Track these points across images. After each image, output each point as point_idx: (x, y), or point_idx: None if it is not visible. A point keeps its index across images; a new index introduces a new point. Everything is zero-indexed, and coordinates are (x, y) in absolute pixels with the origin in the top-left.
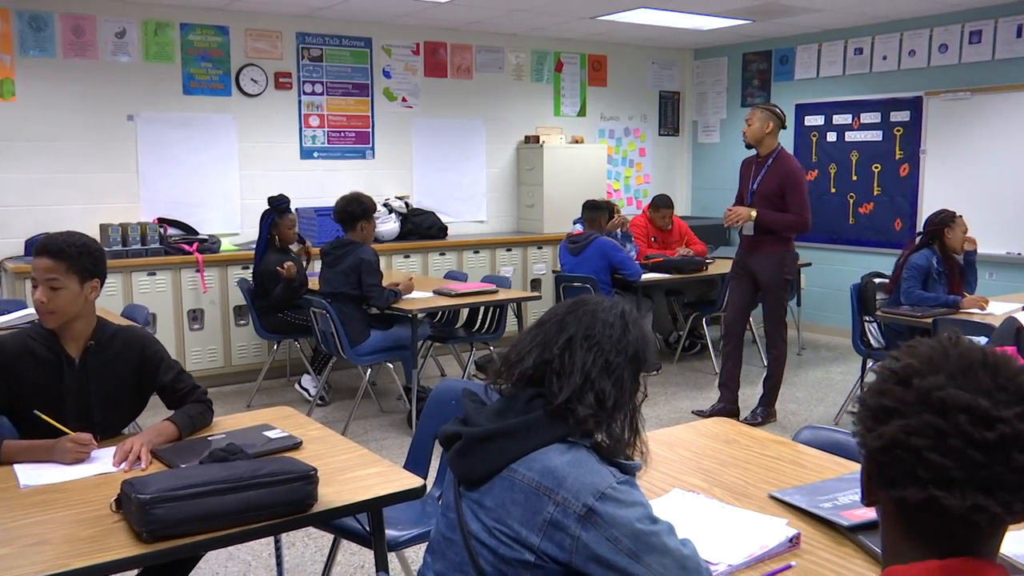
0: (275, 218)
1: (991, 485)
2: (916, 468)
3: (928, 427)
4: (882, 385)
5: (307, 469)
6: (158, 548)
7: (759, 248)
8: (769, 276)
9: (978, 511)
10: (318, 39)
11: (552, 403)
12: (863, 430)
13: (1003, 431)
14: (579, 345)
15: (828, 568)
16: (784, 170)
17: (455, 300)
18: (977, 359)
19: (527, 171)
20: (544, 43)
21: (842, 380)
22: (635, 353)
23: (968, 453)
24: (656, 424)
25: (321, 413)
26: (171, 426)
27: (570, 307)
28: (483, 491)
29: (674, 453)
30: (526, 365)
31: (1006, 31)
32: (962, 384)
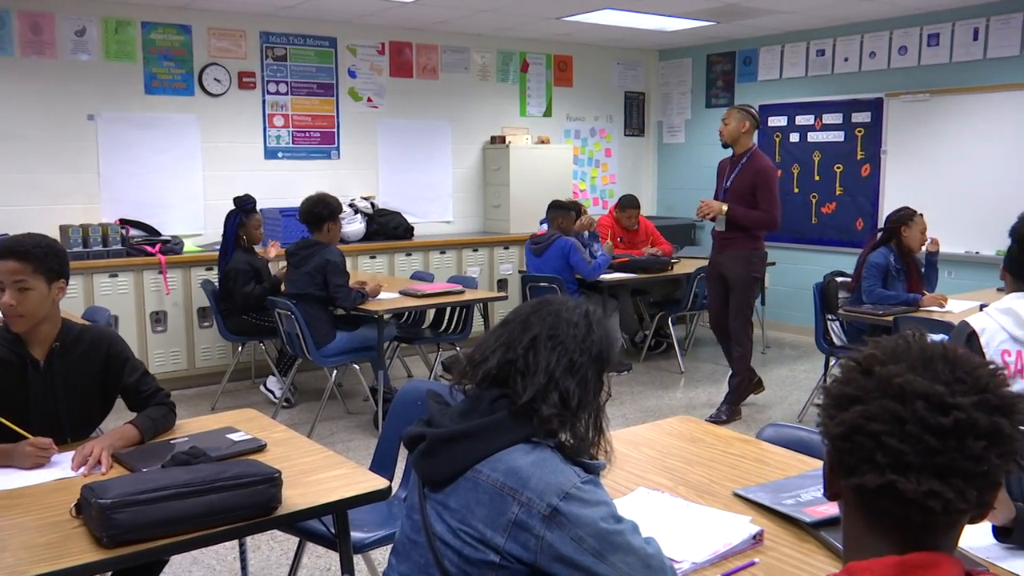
0: (242, 218)
1: (945, 471)
2: (875, 453)
3: (887, 412)
4: (846, 375)
5: (271, 472)
6: (119, 553)
7: (729, 246)
8: (737, 273)
9: (933, 496)
10: (282, 38)
11: (516, 403)
12: (826, 418)
13: (958, 417)
14: (543, 345)
15: (790, 564)
16: (756, 168)
17: (421, 301)
18: (938, 353)
19: (493, 171)
20: (510, 43)
21: (806, 378)
22: (599, 353)
23: (924, 438)
24: (622, 423)
25: (287, 415)
26: (132, 429)
27: (534, 307)
28: (447, 492)
29: (639, 452)
30: (490, 365)
31: (963, 34)
32: (921, 374)
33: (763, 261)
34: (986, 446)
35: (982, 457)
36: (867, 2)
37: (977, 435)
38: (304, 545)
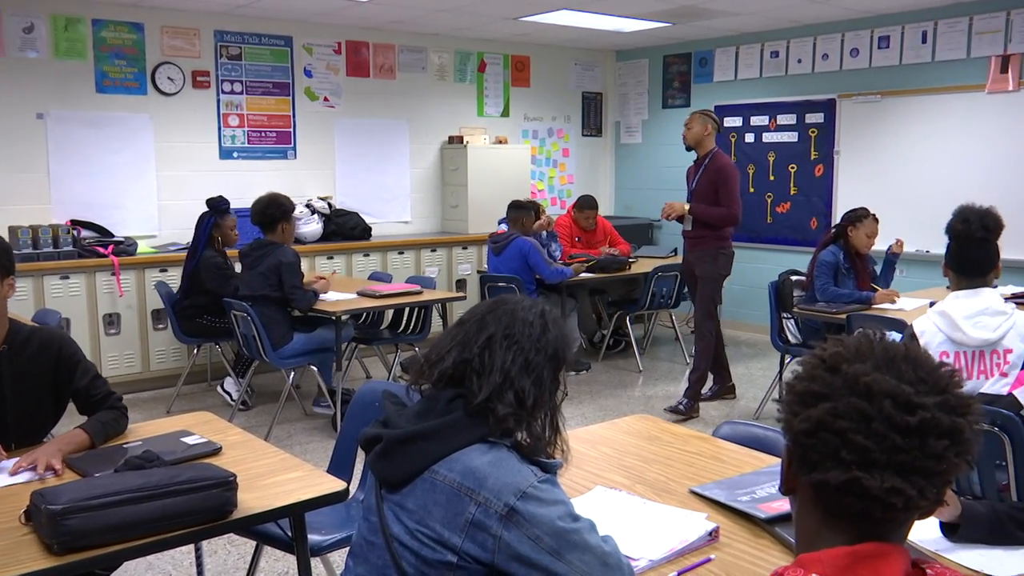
0: (216, 219)
1: (908, 469)
2: (840, 450)
3: (854, 410)
4: (811, 372)
5: (226, 475)
6: (71, 560)
7: (698, 245)
8: (703, 270)
9: (895, 493)
10: (237, 37)
11: (472, 402)
12: (789, 415)
13: (923, 417)
14: (499, 344)
15: (746, 560)
16: (716, 167)
17: (379, 301)
18: (900, 352)
19: (451, 171)
20: (467, 43)
21: (762, 375)
22: (555, 352)
23: (890, 436)
24: (581, 422)
25: (243, 418)
26: (82, 434)
27: (490, 306)
28: (404, 493)
29: (597, 451)
30: (446, 364)
31: (912, 37)
32: (887, 373)
33: (730, 260)
34: (947, 445)
35: (943, 456)
36: (819, 5)
37: (939, 434)
38: (261, 549)
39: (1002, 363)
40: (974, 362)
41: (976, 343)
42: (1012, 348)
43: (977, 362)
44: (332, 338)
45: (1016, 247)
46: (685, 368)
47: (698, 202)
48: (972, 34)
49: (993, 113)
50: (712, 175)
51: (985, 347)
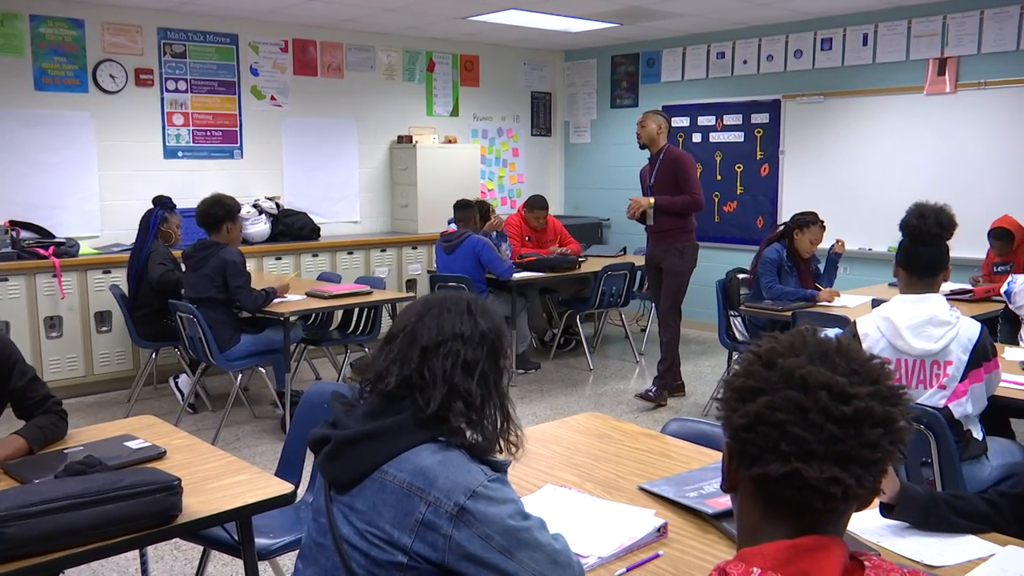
0: (165, 215)
1: (845, 458)
2: (779, 443)
3: (791, 403)
4: (748, 368)
5: (170, 479)
6: (9, 569)
7: (663, 239)
8: (669, 263)
9: (834, 483)
10: (181, 35)
11: (421, 416)
12: (728, 411)
13: (858, 406)
14: (433, 355)
15: (694, 555)
16: (672, 158)
17: (328, 302)
18: (832, 346)
19: (400, 171)
20: (416, 43)
21: (711, 372)
22: (491, 341)
23: (827, 427)
24: (532, 421)
25: (190, 421)
26: (19, 439)
27: (417, 313)
28: (354, 494)
29: (547, 449)
30: (388, 385)
31: (853, 39)
32: (821, 365)
33: (696, 252)
34: (882, 434)
35: (878, 444)
36: (763, 7)
37: (873, 423)
38: (208, 553)
39: (942, 374)
40: (914, 371)
41: (917, 353)
42: (952, 360)
43: (917, 371)
44: (280, 339)
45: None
46: (635, 366)
47: (656, 195)
48: (911, 37)
49: (931, 114)
50: (669, 167)
51: (926, 357)
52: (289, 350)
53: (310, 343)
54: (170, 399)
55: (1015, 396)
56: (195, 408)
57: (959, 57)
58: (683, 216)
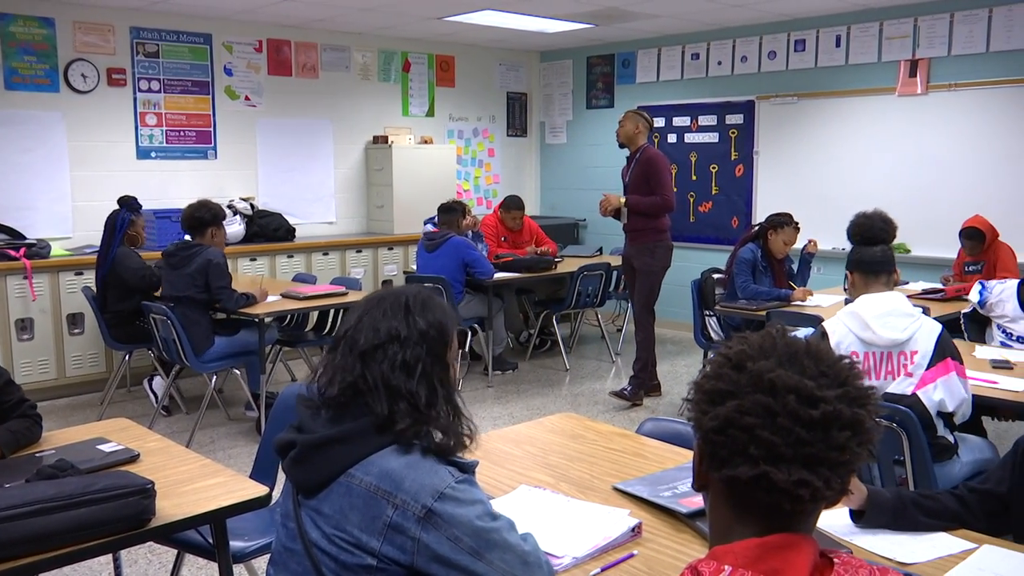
0: (132, 217)
1: (813, 461)
2: (748, 446)
3: (759, 406)
4: (717, 370)
5: (143, 482)
6: None
7: (637, 239)
8: (642, 263)
9: (803, 485)
10: (154, 34)
11: (374, 420)
12: (698, 413)
13: (826, 410)
14: (372, 359)
15: (668, 554)
16: (646, 159)
17: (304, 303)
18: (801, 348)
19: (376, 171)
20: (391, 43)
21: (686, 372)
22: (432, 336)
23: (795, 430)
24: (508, 421)
25: (164, 424)
26: None
27: (357, 317)
28: (321, 498)
29: (521, 450)
30: (335, 394)
31: (826, 40)
32: (789, 368)
33: (668, 252)
34: (850, 436)
35: (846, 447)
36: (738, 8)
37: (842, 426)
38: (183, 557)
39: (909, 363)
40: (882, 362)
41: (885, 342)
42: (918, 349)
43: (885, 363)
44: (255, 341)
45: (924, 244)
46: (611, 366)
47: (631, 195)
48: (882, 39)
49: (903, 115)
50: (643, 167)
51: (893, 347)
52: (264, 351)
53: (285, 344)
54: (144, 402)
55: (986, 395)
56: (169, 411)
57: (930, 59)
58: (655, 216)
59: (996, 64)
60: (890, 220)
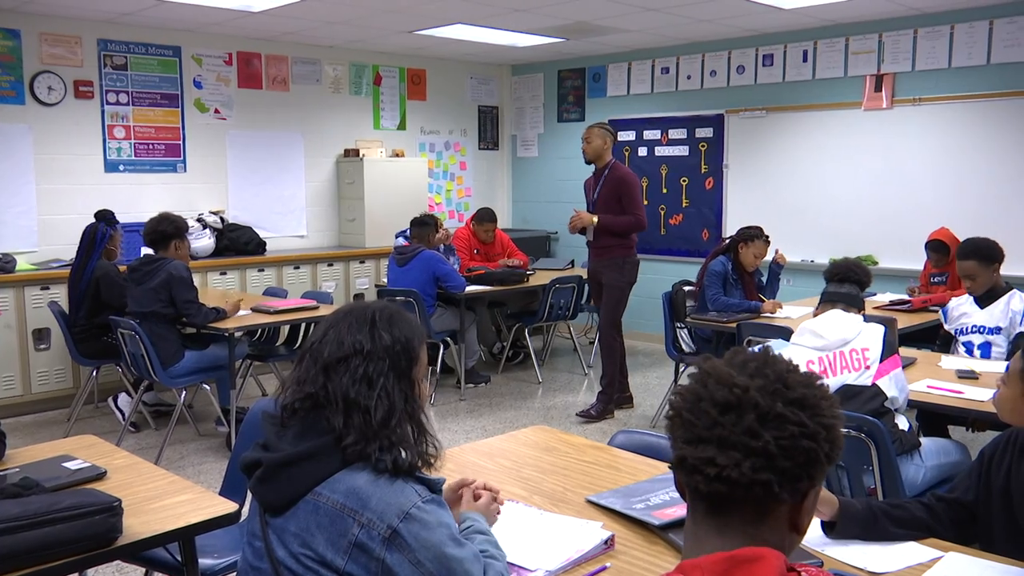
0: (111, 232)
1: (726, 444)
2: (678, 430)
3: (691, 392)
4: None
5: (109, 500)
6: None
7: (603, 254)
8: (610, 278)
9: (709, 464)
10: (122, 46)
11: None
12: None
13: (738, 395)
14: (335, 371)
15: (641, 567)
16: (618, 177)
17: (274, 317)
18: (759, 357)
19: (347, 185)
20: (362, 56)
21: (658, 384)
22: (396, 353)
23: (709, 411)
24: (481, 434)
25: (133, 440)
26: None
27: (323, 330)
28: (288, 517)
29: (494, 463)
30: (296, 406)
31: (794, 55)
32: (730, 365)
33: (636, 268)
34: (759, 423)
35: (758, 434)
36: (707, 23)
37: (756, 415)
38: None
39: (862, 359)
40: (837, 360)
41: (835, 342)
42: (868, 347)
43: (839, 360)
44: (225, 355)
45: (891, 255)
46: (584, 379)
47: (603, 212)
48: (848, 54)
49: (869, 129)
50: (614, 185)
51: (844, 345)
52: (234, 366)
53: (256, 359)
54: (112, 418)
55: (952, 404)
56: (138, 427)
57: (895, 74)
58: (627, 236)
59: (958, 79)
60: (863, 266)
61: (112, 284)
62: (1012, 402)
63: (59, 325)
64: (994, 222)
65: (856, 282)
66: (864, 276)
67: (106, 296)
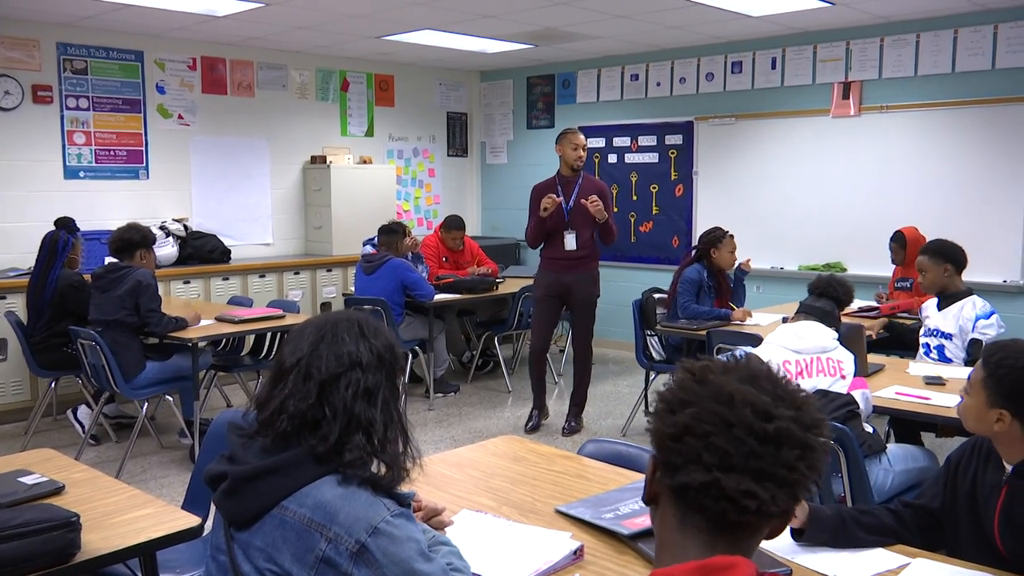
0: (72, 240)
1: (762, 475)
2: (703, 453)
3: (717, 416)
4: (680, 383)
5: (67, 515)
6: None
7: (578, 267)
8: (586, 292)
9: (750, 496)
10: (82, 50)
11: (319, 450)
12: (658, 422)
13: (779, 426)
14: (333, 387)
15: None
16: (598, 186)
17: (239, 327)
18: (763, 372)
19: (314, 192)
20: (329, 61)
21: (628, 393)
22: (388, 363)
23: (747, 441)
24: (450, 444)
25: (93, 453)
26: None
27: (311, 345)
28: (253, 531)
29: (463, 474)
30: (283, 425)
31: (762, 63)
32: (749, 386)
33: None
34: (799, 456)
35: (794, 466)
36: (676, 30)
37: (792, 445)
38: None
39: (836, 366)
40: (813, 364)
41: (812, 347)
42: (843, 360)
43: (815, 364)
44: (188, 366)
45: (859, 262)
46: (555, 387)
47: (581, 221)
48: (816, 62)
49: (837, 136)
50: (595, 192)
51: (821, 353)
52: (198, 377)
53: (220, 369)
54: (72, 431)
55: (919, 411)
56: (98, 439)
57: (862, 81)
58: (593, 242)
59: (924, 87)
60: (846, 284)
61: (78, 293)
62: (975, 411)
63: (16, 335)
64: (960, 228)
65: (834, 299)
66: (843, 294)
67: (72, 306)
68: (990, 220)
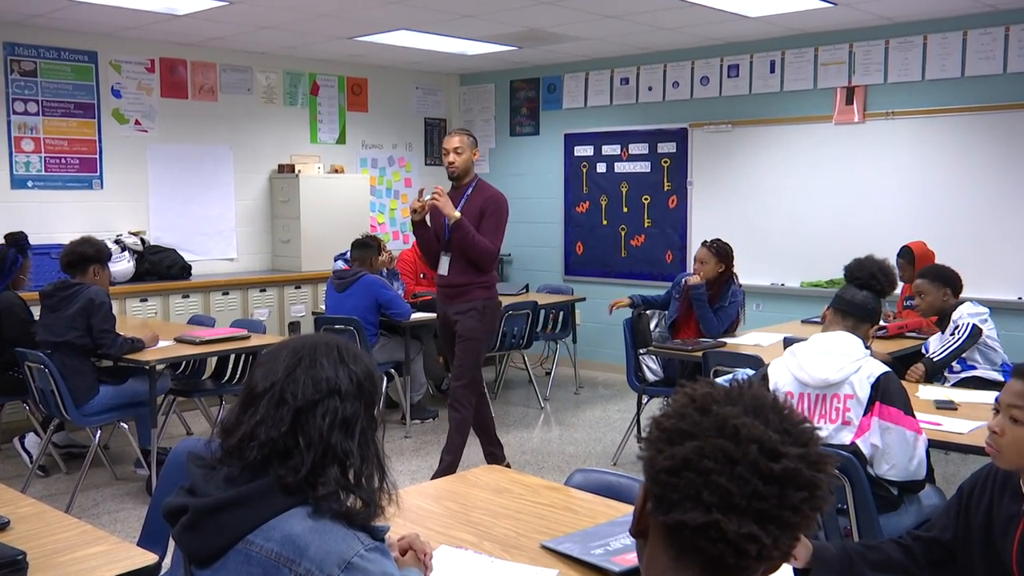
0: (22, 259)
1: (765, 517)
2: (702, 491)
3: (721, 452)
4: (679, 410)
5: (13, 554)
6: None
7: (459, 296)
8: (467, 327)
9: (751, 540)
10: (31, 51)
11: (288, 481)
12: (653, 451)
13: (786, 466)
14: (309, 416)
15: None
16: (487, 195)
17: (200, 348)
18: (768, 401)
19: (282, 203)
20: (298, 64)
21: (619, 418)
22: (367, 392)
23: (752, 481)
24: (428, 474)
25: (41, 485)
26: None
27: (286, 369)
28: (216, 568)
29: (442, 507)
30: (252, 454)
31: (761, 66)
32: (755, 419)
33: (496, 313)
34: (805, 498)
35: (799, 509)
36: (668, 31)
37: (799, 486)
38: None
39: (842, 408)
40: (816, 405)
41: (817, 383)
42: (852, 394)
43: (819, 405)
44: (145, 390)
45: None
46: (540, 412)
47: (460, 232)
48: (818, 65)
49: (841, 144)
50: (482, 203)
51: (826, 389)
52: (155, 402)
53: (179, 394)
54: (17, 461)
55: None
56: (47, 470)
57: (867, 86)
58: (481, 269)
59: (932, 92)
60: (889, 270)
61: (14, 318)
62: None
63: None
64: (971, 243)
65: (878, 291)
66: (887, 284)
67: (8, 332)
68: (1004, 234)
